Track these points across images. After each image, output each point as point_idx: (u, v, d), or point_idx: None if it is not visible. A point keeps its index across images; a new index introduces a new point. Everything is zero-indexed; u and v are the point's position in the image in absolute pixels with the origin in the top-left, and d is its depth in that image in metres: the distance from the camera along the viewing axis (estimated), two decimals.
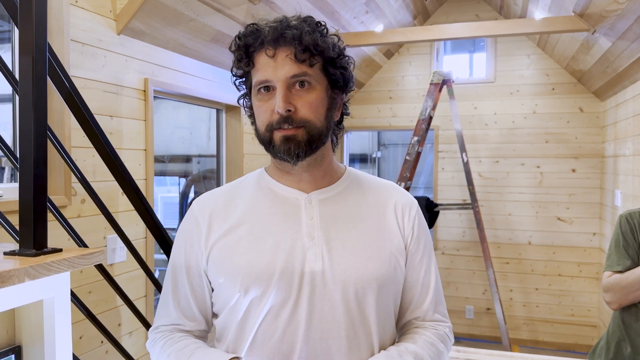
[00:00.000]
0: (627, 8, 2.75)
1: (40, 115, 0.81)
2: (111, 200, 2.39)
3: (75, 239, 1.50)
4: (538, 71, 4.88)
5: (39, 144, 0.81)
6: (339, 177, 1.09)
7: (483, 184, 5.01)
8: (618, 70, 3.64)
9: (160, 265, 4.10)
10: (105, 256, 0.86)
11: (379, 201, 1.09)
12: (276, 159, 1.02)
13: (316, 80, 0.98)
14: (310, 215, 1.02)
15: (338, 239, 1.01)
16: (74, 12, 2.20)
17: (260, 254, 0.99)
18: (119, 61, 2.46)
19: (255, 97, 1.00)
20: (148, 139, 2.65)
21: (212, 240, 1.03)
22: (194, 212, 1.08)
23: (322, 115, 1.00)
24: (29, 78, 0.80)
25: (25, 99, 0.81)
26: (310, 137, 0.97)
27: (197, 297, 1.05)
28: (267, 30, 0.96)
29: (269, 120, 0.97)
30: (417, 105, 5.15)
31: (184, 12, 2.63)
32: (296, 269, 0.98)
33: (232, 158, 3.71)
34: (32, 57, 0.80)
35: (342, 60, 1.03)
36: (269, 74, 0.96)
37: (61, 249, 0.87)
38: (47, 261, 0.79)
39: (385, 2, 4.08)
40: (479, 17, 4.99)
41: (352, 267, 1.00)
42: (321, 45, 0.97)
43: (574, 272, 4.84)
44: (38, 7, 0.83)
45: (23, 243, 0.84)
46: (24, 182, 0.82)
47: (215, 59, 3.22)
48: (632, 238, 1.88)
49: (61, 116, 2.13)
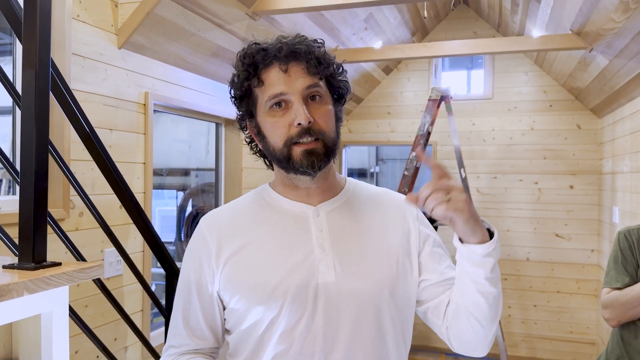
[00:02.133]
0: (624, 26, 2.78)
1: (42, 129, 0.81)
2: (109, 214, 2.38)
3: (73, 252, 1.49)
4: (536, 88, 4.92)
5: (40, 158, 0.81)
6: (342, 188, 1.11)
7: (481, 199, 5.02)
8: (615, 88, 3.67)
9: (157, 279, 4.07)
10: (103, 270, 0.86)
11: (380, 207, 1.11)
12: (295, 174, 1.02)
13: (325, 93, 1.02)
14: (320, 227, 1.03)
15: (348, 249, 1.03)
16: (76, 26, 2.22)
17: (273, 270, 0.99)
18: (120, 75, 2.48)
19: (267, 114, 1.00)
20: (147, 153, 2.66)
21: (223, 258, 1.03)
22: (201, 231, 1.08)
23: (334, 126, 1.03)
24: (31, 92, 0.80)
25: (27, 113, 0.82)
26: (327, 148, 0.99)
27: (207, 316, 1.05)
28: (277, 47, 0.98)
29: (287, 135, 0.98)
30: (416, 121, 5.17)
31: (185, 27, 2.65)
32: (310, 282, 0.99)
33: (231, 172, 3.72)
34: (35, 71, 0.81)
35: (342, 74, 1.06)
36: (283, 88, 0.97)
37: (60, 263, 0.87)
38: (46, 275, 0.78)
39: (384, 19, 4.12)
40: (477, 35, 5.04)
41: (364, 276, 1.01)
42: (327, 60, 1.01)
43: (573, 288, 4.82)
44: (42, 22, 0.84)
45: (22, 256, 0.84)
46: (24, 195, 0.82)
47: (216, 73, 3.24)
48: (631, 255, 1.88)
49: (61, 129, 2.13)
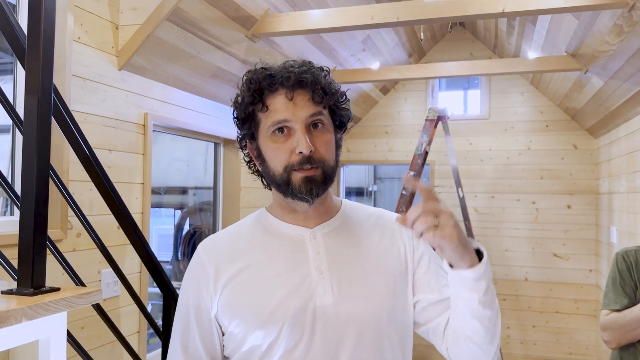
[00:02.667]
0: (618, 49, 2.82)
1: (43, 155, 0.82)
2: (107, 234, 2.38)
3: (71, 275, 1.49)
4: (532, 108, 4.95)
5: (41, 184, 0.82)
6: (337, 210, 1.12)
7: (479, 219, 5.02)
8: (611, 109, 3.70)
9: (154, 298, 4.05)
10: (101, 295, 0.86)
11: (376, 228, 1.12)
12: (292, 199, 1.03)
13: (327, 121, 1.03)
14: (317, 249, 1.04)
15: (345, 271, 1.03)
16: (77, 48, 2.24)
17: (272, 294, 1.00)
18: (120, 96, 2.49)
19: (269, 139, 1.01)
20: (146, 173, 2.66)
21: (221, 283, 1.03)
22: (200, 256, 1.08)
23: (334, 154, 1.04)
24: (33, 118, 0.81)
25: (29, 139, 0.82)
26: (326, 176, 1.01)
27: (206, 343, 1.05)
28: (285, 75, 0.99)
29: (288, 162, 0.99)
30: (413, 140, 5.19)
31: (185, 49, 2.67)
32: (308, 305, 0.99)
33: (229, 191, 3.72)
34: (37, 98, 0.82)
35: (345, 103, 1.07)
36: (287, 115, 0.98)
37: (59, 288, 0.87)
38: (44, 301, 0.78)
39: (382, 40, 4.17)
40: (473, 56, 5.09)
41: (361, 298, 1.02)
42: (332, 89, 1.03)
43: (572, 309, 4.80)
44: (45, 50, 0.85)
45: (21, 282, 0.84)
46: (24, 221, 0.83)
47: (215, 94, 3.27)
48: (629, 276, 1.88)
49: (60, 150, 2.14)
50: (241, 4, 2.71)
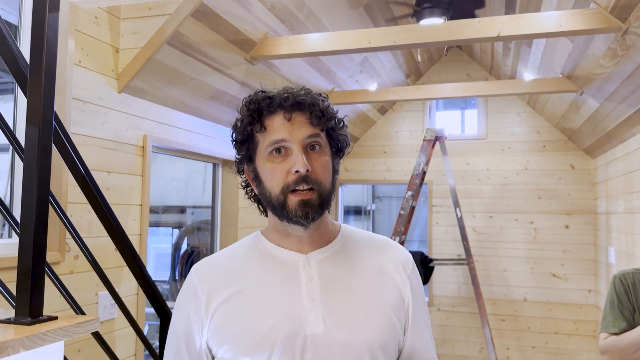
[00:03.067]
0: (613, 72, 2.85)
1: (43, 184, 0.83)
2: (105, 256, 2.38)
3: (68, 300, 1.48)
4: (529, 128, 4.99)
5: (40, 213, 0.82)
6: (335, 236, 1.10)
7: (477, 239, 5.02)
8: (607, 130, 3.73)
9: (151, 319, 4.02)
10: (99, 324, 0.86)
11: (375, 258, 1.10)
12: (288, 222, 1.02)
13: (325, 145, 1.04)
14: (310, 276, 1.02)
15: (338, 300, 1.01)
16: (77, 71, 2.26)
17: (262, 320, 0.98)
18: (119, 118, 2.51)
19: (267, 160, 1.01)
20: (144, 195, 2.67)
21: (212, 308, 1.02)
22: (192, 281, 1.07)
23: (330, 177, 1.04)
24: (34, 148, 0.82)
25: (29, 168, 0.83)
26: (322, 199, 1.00)
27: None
28: (283, 96, 1.01)
29: (285, 182, 0.99)
30: (411, 160, 5.22)
31: (185, 72, 2.70)
32: (299, 333, 0.97)
33: (227, 211, 3.72)
34: (38, 128, 0.83)
35: (343, 129, 1.08)
36: (285, 135, 0.99)
37: (56, 317, 0.87)
38: (42, 331, 0.78)
39: (379, 62, 4.21)
40: (470, 77, 5.14)
41: (354, 329, 0.99)
42: (329, 113, 1.04)
43: (571, 329, 4.78)
44: (47, 80, 0.87)
45: (19, 311, 0.84)
46: (23, 249, 0.83)
47: (214, 115, 3.29)
48: (627, 299, 1.88)
49: (59, 172, 2.15)
50: (240, 28, 2.75)
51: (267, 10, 2.79)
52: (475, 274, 4.26)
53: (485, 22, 2.64)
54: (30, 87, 0.86)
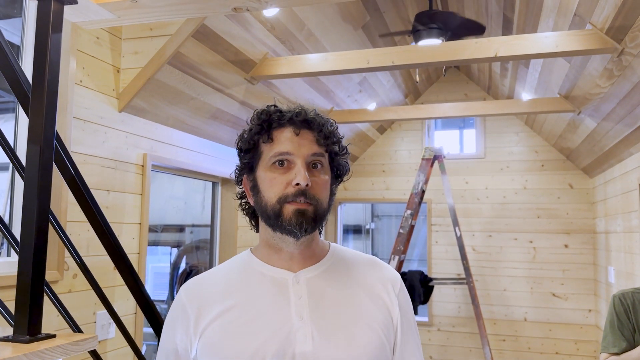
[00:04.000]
0: (610, 92, 2.88)
1: (44, 203, 0.84)
2: (103, 275, 2.37)
3: (67, 319, 1.48)
4: (527, 148, 5.01)
5: (40, 231, 0.83)
6: (324, 255, 1.11)
7: (477, 258, 5.00)
8: (605, 149, 3.75)
9: (148, 339, 3.99)
10: (97, 342, 0.85)
11: (364, 277, 1.10)
12: (281, 233, 1.03)
13: (326, 166, 1.06)
14: (299, 294, 1.03)
15: (327, 318, 1.01)
16: (78, 91, 2.28)
17: (251, 337, 0.98)
18: (119, 137, 2.53)
19: (268, 169, 1.03)
20: (143, 213, 2.67)
21: (202, 326, 1.02)
22: (181, 299, 1.07)
23: (327, 198, 1.05)
24: (35, 167, 0.83)
25: (30, 187, 0.84)
26: (317, 215, 1.01)
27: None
28: (295, 112, 1.04)
29: (283, 193, 1.00)
30: (410, 179, 5.23)
31: (185, 92, 2.73)
32: (287, 351, 0.97)
33: (226, 230, 3.72)
34: (39, 147, 0.84)
35: (345, 155, 1.11)
36: (291, 148, 1.01)
37: (55, 335, 0.87)
38: (40, 348, 0.78)
39: (378, 82, 4.25)
40: (468, 97, 5.18)
41: (342, 347, 0.99)
42: (335, 137, 1.07)
43: (572, 350, 4.74)
44: (49, 100, 0.88)
45: (17, 329, 0.84)
46: (22, 267, 0.83)
47: (214, 134, 3.31)
48: (627, 319, 1.88)
49: (59, 191, 2.15)
50: (240, 48, 2.78)
51: (266, 31, 2.83)
52: (475, 294, 4.24)
53: (482, 43, 2.67)
54: (32, 106, 0.87)
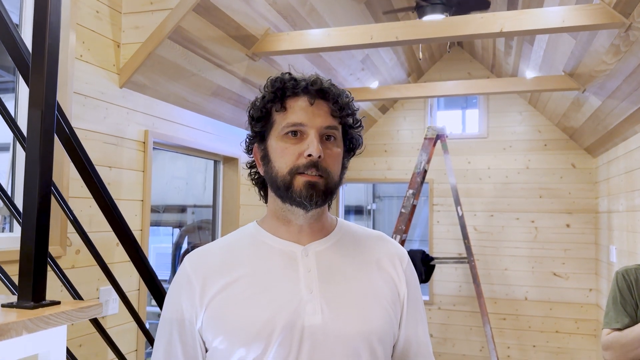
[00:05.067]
0: (616, 68, 2.85)
1: (46, 168, 0.82)
2: (106, 251, 2.37)
3: (70, 290, 1.48)
4: (530, 127, 4.98)
5: (43, 197, 0.82)
6: (332, 229, 1.10)
7: (478, 237, 5.01)
8: (609, 128, 3.72)
9: (151, 318, 4.01)
10: (102, 309, 0.85)
11: (371, 252, 1.09)
12: (290, 204, 1.01)
13: (339, 138, 1.04)
14: (308, 267, 1.01)
15: (336, 292, 1.00)
16: (79, 65, 2.26)
17: (259, 310, 0.97)
18: (120, 113, 2.51)
19: (281, 139, 1.00)
20: (145, 190, 2.67)
21: (207, 298, 0.99)
22: (185, 270, 1.04)
23: (339, 171, 1.04)
24: (37, 132, 0.82)
25: (32, 152, 0.83)
26: (327, 188, 1.00)
27: (188, 358, 1.01)
28: (310, 81, 1.01)
29: (294, 164, 0.98)
30: (412, 159, 5.21)
31: (186, 68, 2.70)
32: (296, 324, 0.96)
33: (228, 209, 3.72)
34: (41, 112, 0.83)
35: (359, 128, 1.09)
36: (304, 119, 0.99)
37: (59, 302, 0.87)
38: (45, 314, 0.78)
39: (381, 60, 4.21)
40: (471, 75, 5.14)
41: (351, 321, 0.99)
42: (350, 109, 1.05)
43: (572, 328, 4.77)
44: (49, 65, 0.86)
45: (22, 295, 0.83)
46: (26, 233, 0.82)
47: (215, 112, 3.28)
48: (630, 295, 1.87)
49: (60, 166, 2.14)
50: (242, 23, 2.75)
51: (268, 5, 2.79)
52: (476, 273, 4.25)
53: (487, 18, 2.63)
54: (33, 70, 0.86)
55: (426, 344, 1.13)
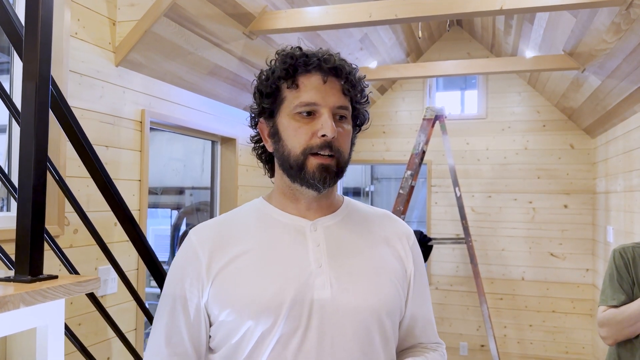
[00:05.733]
0: (616, 47, 2.83)
1: (41, 142, 0.81)
2: (104, 231, 2.37)
3: (68, 267, 1.48)
4: (529, 108, 4.96)
5: (38, 170, 0.81)
6: (339, 206, 1.10)
7: (476, 218, 5.02)
8: (608, 108, 3.71)
9: (150, 299, 4.03)
10: (100, 284, 0.85)
11: (379, 229, 1.10)
12: (301, 185, 1.00)
13: (350, 117, 1.04)
14: (317, 242, 1.01)
15: (345, 266, 1.01)
16: (74, 43, 2.23)
17: (268, 283, 0.96)
18: (117, 92, 2.49)
19: (292, 118, 0.99)
20: (143, 170, 2.66)
21: (214, 271, 0.98)
22: (192, 243, 1.03)
23: (349, 149, 1.04)
24: (31, 104, 0.81)
25: (26, 126, 0.82)
26: (339, 167, 1.00)
27: (192, 333, 1.00)
28: (323, 57, 0.99)
29: (308, 144, 0.97)
30: (410, 140, 5.20)
31: (183, 46, 2.67)
32: (306, 297, 0.96)
33: (226, 190, 3.71)
34: (35, 84, 0.81)
35: (367, 104, 1.09)
36: (318, 98, 0.98)
37: (57, 276, 0.87)
38: (42, 287, 0.78)
39: (379, 39, 4.17)
40: (471, 55, 5.10)
41: (361, 295, 1.00)
42: (360, 86, 1.04)
43: (568, 308, 4.81)
44: (43, 37, 0.85)
45: (18, 269, 0.83)
46: (22, 208, 0.82)
47: (212, 91, 3.26)
48: (626, 272, 1.88)
49: (57, 145, 2.13)
50: (239, 1, 2.71)
51: None
52: (473, 253, 4.27)
53: None
54: (26, 43, 0.84)
55: (431, 322, 1.16)
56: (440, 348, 1.16)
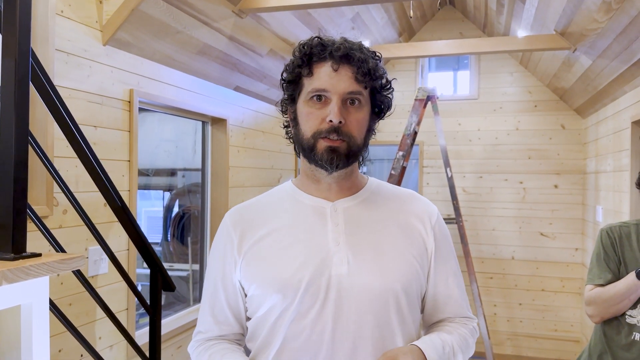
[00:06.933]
0: (607, 27, 2.82)
1: (22, 118, 0.80)
2: (93, 212, 2.36)
3: (55, 246, 1.47)
4: (521, 89, 4.96)
5: (19, 147, 0.80)
6: (362, 187, 1.17)
7: (467, 199, 5.05)
8: (598, 88, 3.71)
9: (143, 280, 4.03)
10: (86, 262, 0.85)
11: (400, 208, 1.16)
12: (315, 165, 1.08)
13: (365, 102, 1.08)
14: (336, 222, 1.09)
15: (362, 244, 1.08)
16: (60, 22, 2.20)
17: (289, 261, 1.06)
18: (104, 72, 2.46)
19: (306, 104, 1.06)
20: (132, 150, 2.64)
21: (245, 249, 1.10)
22: (226, 224, 1.15)
23: (363, 134, 1.09)
24: (11, 81, 0.79)
25: (6, 102, 0.80)
26: (350, 151, 1.05)
27: (231, 305, 1.14)
28: (335, 46, 1.04)
29: (317, 128, 1.04)
30: (402, 121, 5.19)
31: (171, 25, 2.63)
32: (324, 273, 1.04)
33: (217, 171, 3.70)
34: (14, 59, 0.80)
35: (388, 90, 1.12)
36: (328, 85, 1.04)
37: (40, 254, 0.86)
38: (25, 265, 0.77)
39: (371, 19, 4.13)
40: (463, 35, 5.07)
41: (376, 272, 1.06)
42: (378, 73, 1.08)
43: (557, 287, 4.87)
44: (22, 12, 0.83)
45: (1, 247, 0.83)
46: (3, 184, 0.81)
47: (202, 71, 3.23)
48: (613, 251, 1.90)
49: (44, 125, 2.10)
50: None
51: None
52: (464, 233, 4.29)
53: None
54: (4, 19, 0.83)
55: (456, 297, 1.19)
56: (470, 322, 1.20)
